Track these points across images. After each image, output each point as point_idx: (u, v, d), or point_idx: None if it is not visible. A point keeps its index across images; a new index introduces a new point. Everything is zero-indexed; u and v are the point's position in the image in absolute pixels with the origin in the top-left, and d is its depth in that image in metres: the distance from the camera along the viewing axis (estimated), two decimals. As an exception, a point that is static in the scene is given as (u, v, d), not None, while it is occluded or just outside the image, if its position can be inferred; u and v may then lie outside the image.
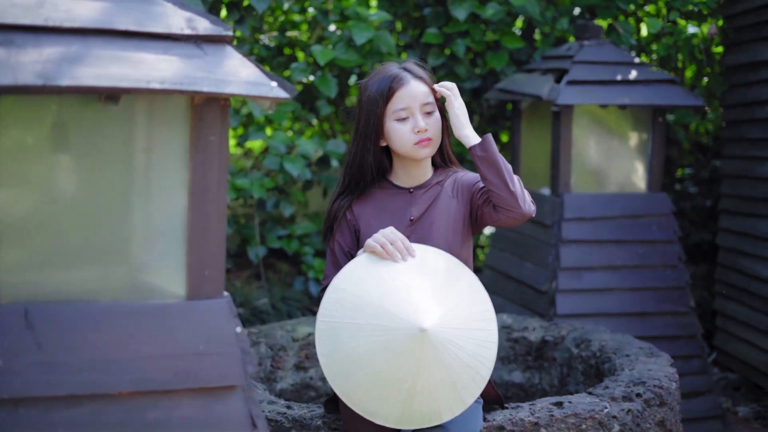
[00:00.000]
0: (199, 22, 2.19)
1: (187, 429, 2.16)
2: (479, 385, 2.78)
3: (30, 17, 2.02)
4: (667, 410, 3.33)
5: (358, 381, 2.70)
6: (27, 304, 2.07)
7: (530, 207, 2.88)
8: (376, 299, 2.68)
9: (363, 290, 2.72)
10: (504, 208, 2.85)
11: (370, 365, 2.67)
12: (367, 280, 2.74)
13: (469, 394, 2.76)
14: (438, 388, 2.69)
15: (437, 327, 2.63)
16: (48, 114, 2.13)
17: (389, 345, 2.63)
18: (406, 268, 2.76)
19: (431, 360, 2.64)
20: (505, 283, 4.95)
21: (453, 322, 2.68)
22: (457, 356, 2.68)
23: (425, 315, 2.63)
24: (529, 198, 2.90)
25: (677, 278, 4.66)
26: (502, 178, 2.82)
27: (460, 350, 2.69)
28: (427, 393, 2.69)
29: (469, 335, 2.72)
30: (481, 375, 2.77)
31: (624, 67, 4.69)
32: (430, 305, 2.66)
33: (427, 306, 2.65)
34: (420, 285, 2.72)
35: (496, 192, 2.84)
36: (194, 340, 2.18)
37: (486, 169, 2.84)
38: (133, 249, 2.21)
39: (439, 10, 5.31)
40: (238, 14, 4.49)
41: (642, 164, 4.79)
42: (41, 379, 2.04)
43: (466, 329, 2.72)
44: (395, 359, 2.64)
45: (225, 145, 2.21)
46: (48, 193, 2.14)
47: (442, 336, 2.64)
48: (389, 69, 2.98)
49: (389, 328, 2.63)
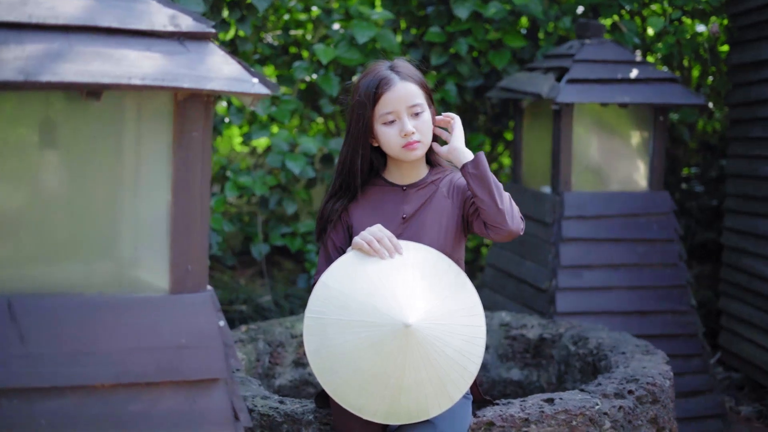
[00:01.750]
0: (182, 20, 2.22)
1: (169, 421, 2.18)
2: (467, 381, 2.79)
3: (14, 14, 2.06)
4: (660, 407, 3.33)
5: (345, 377, 2.72)
6: (11, 297, 2.10)
7: (519, 225, 2.90)
8: (362, 296, 2.70)
9: (350, 287, 2.74)
10: (493, 225, 2.87)
11: (356, 361, 2.69)
12: (354, 277, 2.76)
13: (457, 390, 2.78)
14: (425, 384, 2.71)
15: (422, 323, 2.65)
16: (35, 110, 2.16)
17: (375, 341, 2.65)
18: (394, 265, 2.78)
19: (417, 356, 2.66)
20: (506, 281, 4.96)
21: (439, 318, 2.70)
22: (443, 352, 2.70)
23: (410, 311, 2.64)
24: (519, 215, 2.92)
25: (678, 277, 4.66)
26: (492, 196, 2.84)
27: (446, 346, 2.70)
28: (414, 389, 2.71)
29: (456, 331, 2.74)
30: (469, 371, 2.78)
31: (625, 66, 4.69)
32: (415, 301, 2.68)
33: (412, 302, 2.67)
34: (406, 281, 2.73)
35: (486, 209, 2.86)
36: (176, 334, 2.21)
37: (477, 185, 2.86)
38: (117, 244, 2.24)
39: (442, 8, 5.33)
40: (240, 13, 4.51)
41: (643, 163, 4.79)
42: (24, 370, 2.07)
43: (453, 325, 2.74)
44: (381, 355, 2.66)
45: (208, 142, 2.24)
46: (34, 188, 2.17)
47: (428, 332, 2.66)
48: (377, 70, 2.98)
49: (375, 324, 2.65)
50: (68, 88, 2.01)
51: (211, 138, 2.27)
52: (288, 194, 5.28)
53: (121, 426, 2.13)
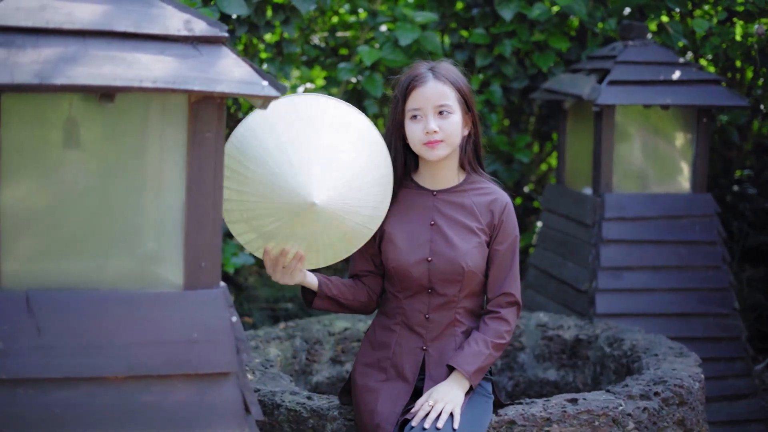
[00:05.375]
0: (196, 24, 2.29)
1: (180, 413, 2.26)
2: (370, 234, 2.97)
3: (32, 20, 2.15)
4: (688, 410, 3.33)
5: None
6: (29, 291, 2.19)
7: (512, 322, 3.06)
8: (277, 156, 2.74)
9: (265, 145, 2.76)
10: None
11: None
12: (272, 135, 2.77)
13: (361, 240, 2.97)
14: (335, 244, 2.89)
15: (329, 201, 2.73)
16: (58, 111, 2.24)
17: (284, 210, 2.75)
18: (317, 132, 2.80)
19: (325, 225, 2.80)
20: (547, 282, 4.97)
21: (350, 193, 2.79)
22: (353, 221, 2.84)
23: (317, 188, 2.71)
24: (513, 323, 3.05)
25: (720, 279, 4.62)
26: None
27: (356, 215, 2.84)
28: (323, 248, 2.89)
29: (366, 200, 2.85)
30: (371, 228, 2.95)
31: (668, 67, 4.67)
32: (326, 176, 2.74)
33: (322, 178, 2.73)
34: (321, 150, 2.77)
35: None
36: (189, 328, 2.28)
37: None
38: (133, 240, 2.32)
39: (487, 10, 5.36)
40: (284, 15, 4.58)
41: (686, 165, 4.77)
42: (39, 361, 2.16)
43: (364, 196, 2.84)
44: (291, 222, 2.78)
45: (221, 142, 2.31)
46: (53, 186, 2.25)
47: (335, 206, 2.76)
48: (417, 68, 3.03)
49: (283, 199, 2.73)
50: (81, 90, 2.10)
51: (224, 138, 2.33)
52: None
53: (133, 417, 2.21)
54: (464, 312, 3.02)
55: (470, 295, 3.02)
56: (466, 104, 3.00)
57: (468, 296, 3.01)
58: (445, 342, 3.00)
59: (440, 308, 3.00)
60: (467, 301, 3.02)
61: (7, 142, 2.17)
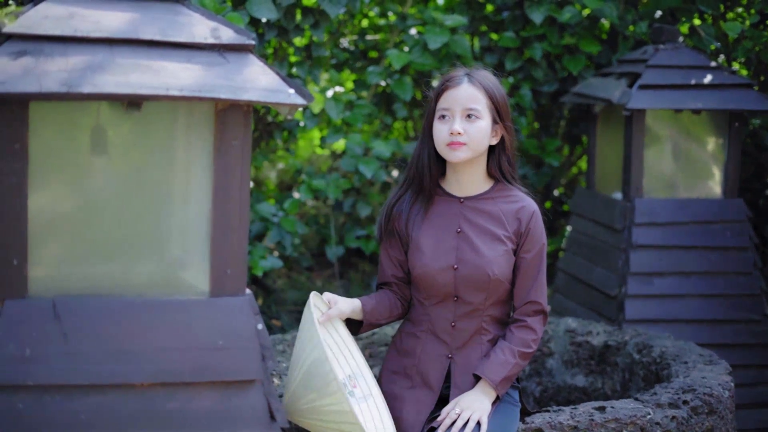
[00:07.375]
0: (223, 32, 2.29)
1: (205, 419, 2.26)
2: None
3: (60, 28, 2.16)
4: (717, 419, 3.30)
5: None
6: (56, 298, 2.21)
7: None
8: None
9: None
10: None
11: None
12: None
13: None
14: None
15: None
16: (87, 119, 2.26)
17: None
18: None
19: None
20: (577, 287, 4.95)
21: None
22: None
23: None
24: (540, 332, 3.03)
25: (751, 285, 4.58)
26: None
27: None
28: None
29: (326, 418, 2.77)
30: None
31: (699, 71, 4.63)
32: None
33: None
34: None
35: None
36: (214, 336, 2.29)
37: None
38: (159, 248, 2.34)
39: (517, 13, 5.34)
40: (314, 19, 4.59)
41: (717, 169, 4.73)
42: (66, 368, 2.17)
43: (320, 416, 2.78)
44: None
45: (247, 150, 2.31)
46: (81, 193, 2.27)
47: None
48: (455, 71, 3.03)
49: None
50: (108, 99, 2.11)
51: (251, 145, 2.34)
52: (362, 197, 5.34)
53: (158, 423, 2.22)
54: (491, 320, 3.01)
55: (497, 303, 3.00)
56: (498, 113, 2.98)
57: (494, 304, 3.00)
58: (471, 350, 2.99)
59: (466, 316, 2.99)
60: (494, 309, 3.00)
61: (36, 149, 2.18)
